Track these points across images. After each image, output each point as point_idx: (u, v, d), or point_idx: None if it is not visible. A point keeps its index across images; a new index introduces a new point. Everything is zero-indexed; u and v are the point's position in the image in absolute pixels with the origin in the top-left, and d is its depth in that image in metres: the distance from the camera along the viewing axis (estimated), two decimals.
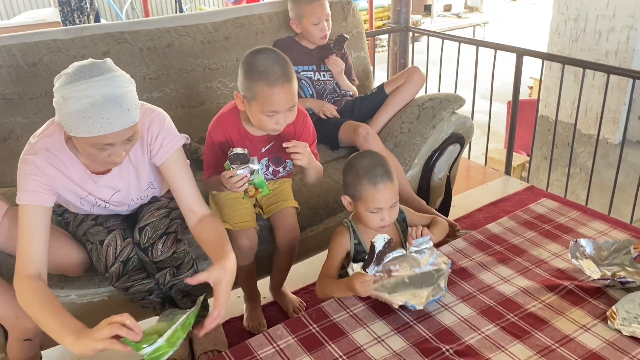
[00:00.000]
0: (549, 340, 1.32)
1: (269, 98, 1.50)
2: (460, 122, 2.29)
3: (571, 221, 1.81)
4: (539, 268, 1.59)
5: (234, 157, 1.52)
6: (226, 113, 1.69)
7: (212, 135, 1.67)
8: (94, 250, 1.56)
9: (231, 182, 1.52)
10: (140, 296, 1.67)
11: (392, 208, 1.53)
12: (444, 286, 1.45)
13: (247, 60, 1.53)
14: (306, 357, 1.30)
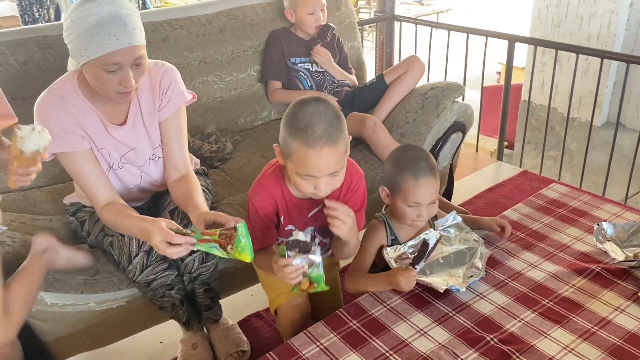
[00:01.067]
0: (587, 324, 1.34)
1: (304, 160, 1.26)
2: (462, 110, 2.30)
3: (584, 205, 1.85)
4: (563, 253, 1.61)
5: (292, 243, 1.27)
6: (268, 175, 1.44)
7: (255, 202, 1.42)
8: (115, 243, 1.52)
9: (284, 272, 1.27)
10: (161, 292, 1.62)
11: (431, 205, 1.48)
12: (481, 266, 1.47)
13: (291, 110, 1.29)
14: (352, 354, 1.29)
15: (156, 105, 1.56)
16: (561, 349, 1.27)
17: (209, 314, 1.78)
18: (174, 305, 1.68)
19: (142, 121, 1.57)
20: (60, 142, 1.44)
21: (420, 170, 1.43)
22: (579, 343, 1.29)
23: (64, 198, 1.76)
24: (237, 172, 2.13)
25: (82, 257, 1.57)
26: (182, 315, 1.71)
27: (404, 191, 1.45)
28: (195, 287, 1.67)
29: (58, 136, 1.43)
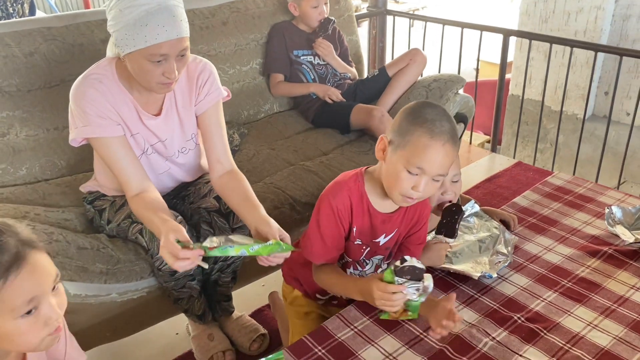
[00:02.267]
0: (607, 302, 1.40)
1: (424, 150, 1.19)
2: (464, 101, 2.36)
3: (589, 191, 1.92)
4: (574, 236, 1.67)
5: (407, 270, 1.16)
6: (349, 179, 1.33)
7: (333, 203, 1.30)
8: (145, 230, 1.52)
9: (386, 297, 1.17)
10: (182, 282, 1.62)
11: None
12: (508, 252, 1.52)
13: (416, 106, 1.26)
14: (387, 336, 1.32)
15: (192, 98, 1.57)
16: (585, 325, 1.33)
17: (227, 305, 1.79)
18: (191, 297, 1.69)
19: (176, 113, 1.58)
20: (95, 127, 1.44)
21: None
22: (601, 320, 1.34)
23: (81, 186, 1.75)
24: (247, 164, 2.13)
25: None
26: (198, 308, 1.71)
27: (411, 148, 1.20)
28: (222, 276, 1.68)
29: (93, 120, 1.43)
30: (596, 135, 3.38)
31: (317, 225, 1.32)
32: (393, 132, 1.26)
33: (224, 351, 1.70)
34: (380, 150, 1.28)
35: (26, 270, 0.87)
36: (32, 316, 0.89)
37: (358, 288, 1.27)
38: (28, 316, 0.88)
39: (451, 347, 1.27)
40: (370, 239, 1.38)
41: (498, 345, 1.27)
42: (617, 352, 1.24)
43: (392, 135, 1.26)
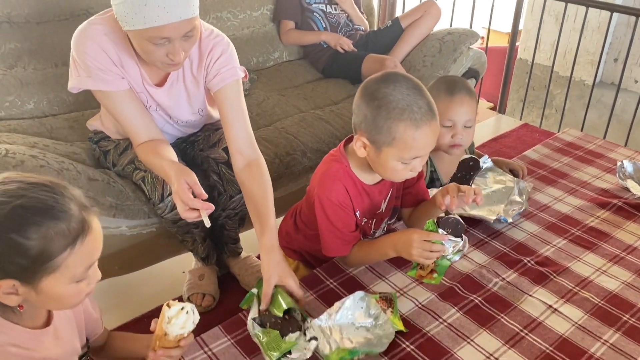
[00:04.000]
0: (616, 250, 1.41)
1: (415, 142, 1.14)
2: (477, 56, 2.33)
3: (599, 147, 1.92)
4: (584, 189, 1.68)
5: (450, 222, 1.16)
6: (337, 168, 1.28)
7: (332, 197, 1.25)
8: (148, 179, 1.49)
9: (427, 247, 1.15)
10: (186, 229, 1.62)
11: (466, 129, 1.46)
12: (523, 200, 1.53)
13: (376, 92, 1.15)
14: (397, 272, 1.32)
15: (201, 74, 1.48)
16: (594, 270, 1.34)
17: (234, 247, 1.80)
18: (194, 241, 1.69)
19: (183, 86, 1.50)
20: (97, 81, 1.37)
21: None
22: (610, 266, 1.36)
23: (87, 122, 1.72)
24: (257, 108, 2.11)
25: None
26: (201, 251, 1.72)
27: (400, 145, 1.16)
28: (229, 222, 1.67)
29: (95, 73, 1.36)
30: (602, 102, 3.36)
31: (328, 223, 1.27)
32: (368, 131, 1.17)
33: (205, 294, 1.70)
34: (361, 148, 1.20)
35: (90, 237, 0.85)
36: (85, 280, 0.88)
37: (392, 242, 1.24)
38: (81, 281, 0.88)
39: (461, 285, 1.28)
40: (373, 212, 1.37)
41: (508, 285, 1.29)
42: (625, 295, 1.26)
43: (368, 134, 1.17)
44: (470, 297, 1.24)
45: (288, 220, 1.54)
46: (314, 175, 1.37)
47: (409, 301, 1.24)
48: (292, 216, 1.53)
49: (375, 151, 1.19)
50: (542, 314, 1.20)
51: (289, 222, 1.53)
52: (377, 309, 1.16)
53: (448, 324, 1.17)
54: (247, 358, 1.09)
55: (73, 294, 0.88)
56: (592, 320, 1.19)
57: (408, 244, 1.18)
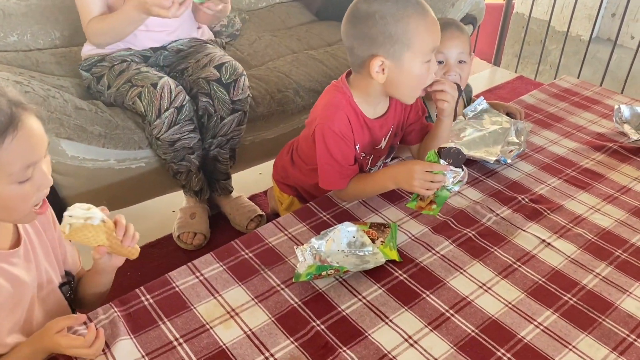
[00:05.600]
0: (610, 190, 1.41)
1: (428, 30, 1.14)
2: (476, 1, 2.28)
3: (596, 94, 1.90)
4: (580, 132, 1.66)
5: (451, 152, 1.14)
6: (340, 98, 1.24)
7: (334, 127, 1.22)
8: (145, 94, 1.46)
9: (428, 177, 1.15)
10: (182, 154, 1.59)
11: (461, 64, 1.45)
12: (521, 141, 1.51)
13: (370, 9, 1.12)
14: (391, 207, 1.31)
15: None
16: (588, 208, 1.34)
17: (226, 184, 1.77)
18: (189, 171, 1.66)
19: None
20: None
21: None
22: (604, 205, 1.35)
23: (82, 50, 1.67)
24: (249, 48, 2.06)
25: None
26: (195, 183, 1.69)
27: (419, 41, 1.14)
28: (221, 152, 1.65)
29: None
30: (597, 58, 3.33)
31: (328, 155, 1.25)
32: (384, 47, 1.14)
33: (196, 233, 1.69)
34: (380, 72, 1.17)
35: (23, 134, 0.81)
36: (27, 183, 0.84)
37: (391, 174, 1.23)
38: (24, 183, 0.84)
39: (455, 219, 1.28)
40: (373, 147, 1.35)
41: (502, 220, 1.28)
42: (618, 232, 1.26)
43: (384, 50, 1.14)
44: (464, 231, 1.24)
45: (284, 155, 1.52)
46: (315, 106, 1.34)
47: (402, 234, 1.23)
48: (288, 152, 1.50)
49: (397, 66, 1.16)
50: (536, 247, 1.20)
51: (285, 158, 1.51)
52: (365, 238, 1.14)
53: (441, 255, 1.17)
54: (239, 282, 1.08)
55: (17, 197, 0.84)
56: (585, 255, 1.19)
57: (410, 175, 1.17)
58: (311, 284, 1.08)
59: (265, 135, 1.85)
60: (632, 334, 1.01)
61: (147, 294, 1.05)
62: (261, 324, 1.00)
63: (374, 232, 1.18)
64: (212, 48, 1.66)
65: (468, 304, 1.06)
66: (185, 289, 1.06)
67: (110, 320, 0.99)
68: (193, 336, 0.97)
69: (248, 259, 1.14)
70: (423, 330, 1.00)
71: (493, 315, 1.03)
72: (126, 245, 0.98)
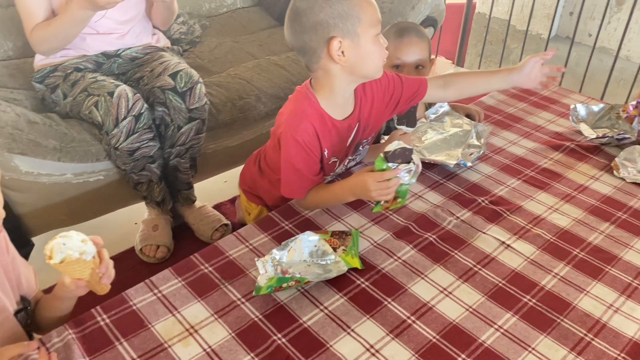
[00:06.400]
0: (568, 189, 1.43)
1: (372, 4, 1.15)
2: (436, 4, 2.30)
3: (554, 94, 1.93)
4: (538, 132, 1.69)
5: (398, 153, 1.12)
6: (304, 104, 1.23)
7: (299, 136, 1.20)
8: (101, 103, 1.43)
9: (383, 186, 1.14)
10: (142, 164, 1.56)
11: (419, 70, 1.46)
12: (481, 144, 1.52)
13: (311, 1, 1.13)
14: (353, 213, 1.31)
15: None
16: (547, 208, 1.36)
17: (188, 193, 1.75)
18: (150, 182, 1.63)
19: None
20: None
21: (406, 29, 1.27)
22: (562, 204, 1.37)
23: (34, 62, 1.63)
24: (209, 55, 2.04)
25: None
26: (157, 194, 1.67)
27: (364, 12, 1.14)
28: (181, 162, 1.62)
29: None
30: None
31: (290, 165, 1.24)
32: (338, 28, 1.13)
33: (159, 246, 1.67)
34: (340, 53, 1.15)
35: None
36: None
37: (349, 188, 1.22)
38: None
39: (416, 224, 1.28)
40: (342, 149, 1.33)
41: (462, 224, 1.29)
42: (575, 232, 1.28)
43: (339, 31, 1.13)
44: (425, 235, 1.24)
45: (251, 165, 1.49)
46: (279, 114, 1.32)
47: (364, 240, 1.23)
48: (255, 161, 1.48)
49: (354, 43, 1.15)
50: (495, 250, 1.21)
51: (253, 168, 1.48)
52: (327, 247, 1.14)
53: (402, 261, 1.17)
54: (198, 298, 1.06)
55: None
56: (544, 255, 1.21)
57: (365, 188, 1.16)
58: (272, 297, 1.07)
59: (228, 143, 1.83)
60: (590, 333, 1.02)
61: (104, 314, 1.03)
62: (221, 340, 0.98)
63: (336, 241, 1.17)
64: (167, 56, 1.63)
65: (429, 310, 1.06)
66: (143, 307, 1.04)
67: (64, 343, 0.96)
68: (151, 356, 0.95)
69: (208, 273, 1.12)
70: (385, 339, 1.00)
71: (454, 320, 1.04)
72: (104, 282, 0.96)
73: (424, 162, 1.47)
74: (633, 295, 1.11)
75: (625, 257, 1.21)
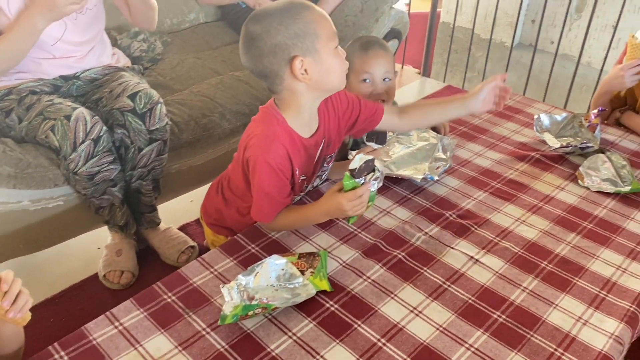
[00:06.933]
0: (534, 200, 1.44)
1: (325, 18, 1.16)
2: (399, 16, 2.31)
3: (517, 103, 1.95)
4: (504, 143, 1.70)
5: (363, 167, 1.13)
6: (274, 125, 1.21)
7: (270, 159, 1.18)
8: (58, 127, 1.38)
9: (357, 202, 1.15)
10: (102, 188, 1.51)
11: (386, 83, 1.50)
12: (447, 157, 1.52)
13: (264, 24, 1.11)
14: (322, 233, 1.29)
15: None
16: (514, 220, 1.36)
17: (152, 216, 1.70)
18: (112, 205, 1.58)
19: None
20: None
21: (370, 42, 1.36)
22: (529, 216, 1.38)
23: None
24: (171, 72, 2.00)
25: None
26: (120, 218, 1.62)
27: (318, 29, 1.14)
28: (143, 184, 1.58)
29: None
30: (522, 63, 3.45)
31: (260, 189, 1.21)
32: (295, 46, 1.12)
33: (123, 271, 1.62)
34: (303, 71, 1.14)
35: None
36: None
37: (323, 211, 1.22)
38: None
39: (384, 241, 1.26)
40: (310, 166, 1.32)
41: (430, 239, 1.28)
42: (543, 243, 1.28)
43: (299, 49, 1.12)
44: (394, 253, 1.23)
45: (214, 196, 1.45)
46: (243, 138, 1.28)
47: (333, 261, 1.20)
48: (218, 191, 1.44)
49: (315, 60, 1.15)
50: (464, 265, 1.21)
51: (216, 198, 1.43)
52: (294, 269, 1.11)
53: (372, 281, 1.15)
54: (161, 330, 1.02)
55: None
56: (512, 269, 1.20)
57: (340, 209, 1.16)
58: (238, 325, 1.03)
59: (192, 162, 1.79)
60: (560, 347, 1.02)
61: (62, 351, 0.98)
62: None
63: (303, 263, 1.15)
64: (127, 76, 1.59)
65: (399, 331, 1.04)
66: (103, 342, 1.00)
67: None
68: None
69: (171, 302, 1.08)
70: None
71: (424, 341, 1.02)
72: (10, 317, 0.88)
73: (392, 177, 1.47)
74: (600, 306, 1.11)
75: (592, 268, 1.22)
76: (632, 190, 1.45)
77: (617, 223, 1.36)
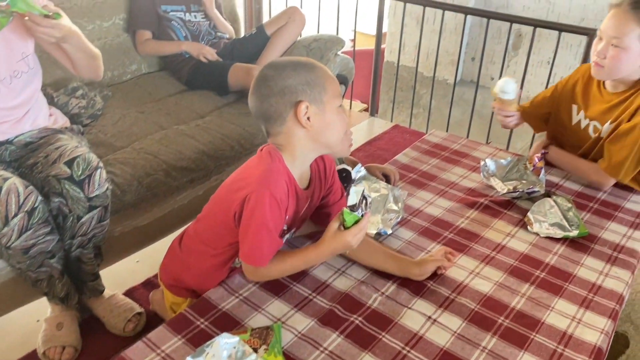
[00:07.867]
0: (486, 250, 1.44)
1: (334, 78, 1.22)
2: (345, 62, 2.32)
3: (463, 147, 1.98)
4: (453, 189, 1.71)
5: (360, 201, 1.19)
6: (276, 163, 1.20)
7: (275, 192, 1.16)
8: None
9: (358, 237, 1.19)
10: (39, 260, 1.42)
11: None
12: (399, 208, 1.52)
13: (281, 69, 1.17)
14: (275, 300, 1.24)
15: None
16: (468, 273, 1.35)
17: (95, 284, 1.61)
18: (51, 277, 1.49)
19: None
20: None
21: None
22: (482, 267, 1.37)
23: None
24: (112, 128, 1.93)
25: None
26: (60, 290, 1.52)
27: (328, 85, 1.18)
28: (84, 252, 1.49)
29: None
30: (464, 99, 3.54)
31: (262, 224, 1.16)
32: (304, 92, 1.15)
33: (64, 347, 1.52)
34: (307, 118, 1.17)
35: None
36: None
37: (328, 252, 1.22)
38: None
39: (341, 305, 1.23)
40: (295, 219, 1.30)
41: (387, 300, 1.25)
42: (498, 297, 1.28)
43: (305, 95, 1.16)
44: (351, 318, 1.19)
45: (177, 255, 1.39)
46: (237, 179, 1.25)
47: (287, 332, 1.16)
48: (180, 246, 1.38)
49: (320, 110, 1.18)
50: (422, 326, 1.18)
51: (180, 257, 1.38)
52: (247, 347, 1.06)
53: (329, 352, 1.11)
54: None
55: None
56: (470, 327, 1.19)
57: (347, 245, 1.20)
58: None
59: (136, 223, 1.72)
60: None
61: None
62: None
63: (256, 340, 1.09)
64: (64, 139, 1.51)
65: None
66: None
67: None
68: None
69: None
70: None
71: None
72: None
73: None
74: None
75: (547, 321, 1.21)
76: (579, 234, 1.48)
77: (568, 270, 1.38)
